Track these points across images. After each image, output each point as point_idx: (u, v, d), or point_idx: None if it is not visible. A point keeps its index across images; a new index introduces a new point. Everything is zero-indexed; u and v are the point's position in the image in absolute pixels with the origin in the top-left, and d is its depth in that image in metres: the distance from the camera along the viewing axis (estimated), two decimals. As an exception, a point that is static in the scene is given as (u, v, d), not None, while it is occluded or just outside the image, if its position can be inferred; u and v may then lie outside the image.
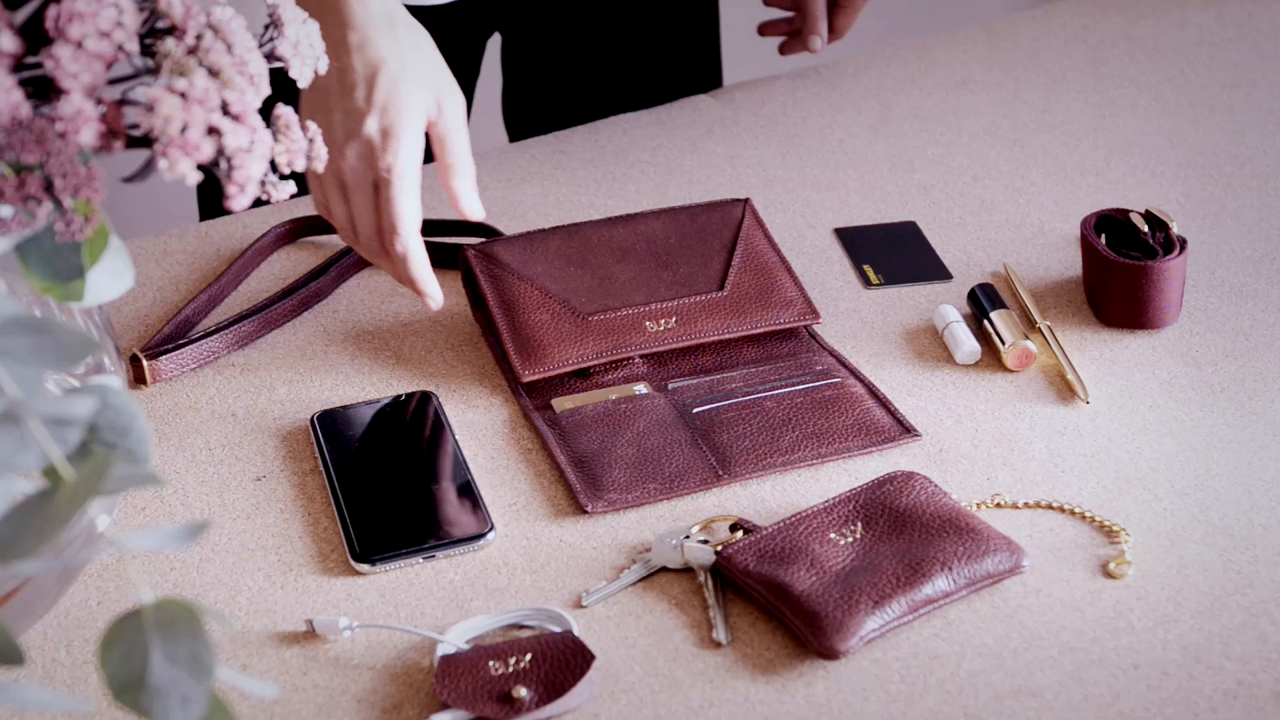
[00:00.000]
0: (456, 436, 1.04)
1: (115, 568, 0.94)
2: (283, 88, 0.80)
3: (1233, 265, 1.21)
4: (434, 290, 1.06)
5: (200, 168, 0.68)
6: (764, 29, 1.43)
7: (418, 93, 1.01)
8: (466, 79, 1.48)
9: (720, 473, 1.01)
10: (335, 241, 1.26)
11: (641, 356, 1.11)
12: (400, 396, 1.08)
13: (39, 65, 0.68)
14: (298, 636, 0.90)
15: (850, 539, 0.93)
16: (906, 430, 1.04)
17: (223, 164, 0.69)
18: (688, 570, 0.94)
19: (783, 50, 1.43)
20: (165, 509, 1.00)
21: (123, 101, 0.69)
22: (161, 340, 1.13)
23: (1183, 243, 1.13)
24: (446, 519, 0.97)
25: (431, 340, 1.15)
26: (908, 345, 1.14)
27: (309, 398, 1.09)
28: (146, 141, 0.68)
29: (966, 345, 1.11)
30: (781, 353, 1.11)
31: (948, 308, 1.15)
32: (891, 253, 1.24)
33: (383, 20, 1.01)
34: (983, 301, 1.14)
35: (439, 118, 1.03)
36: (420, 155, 1.02)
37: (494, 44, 1.52)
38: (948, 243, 1.25)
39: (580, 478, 1.00)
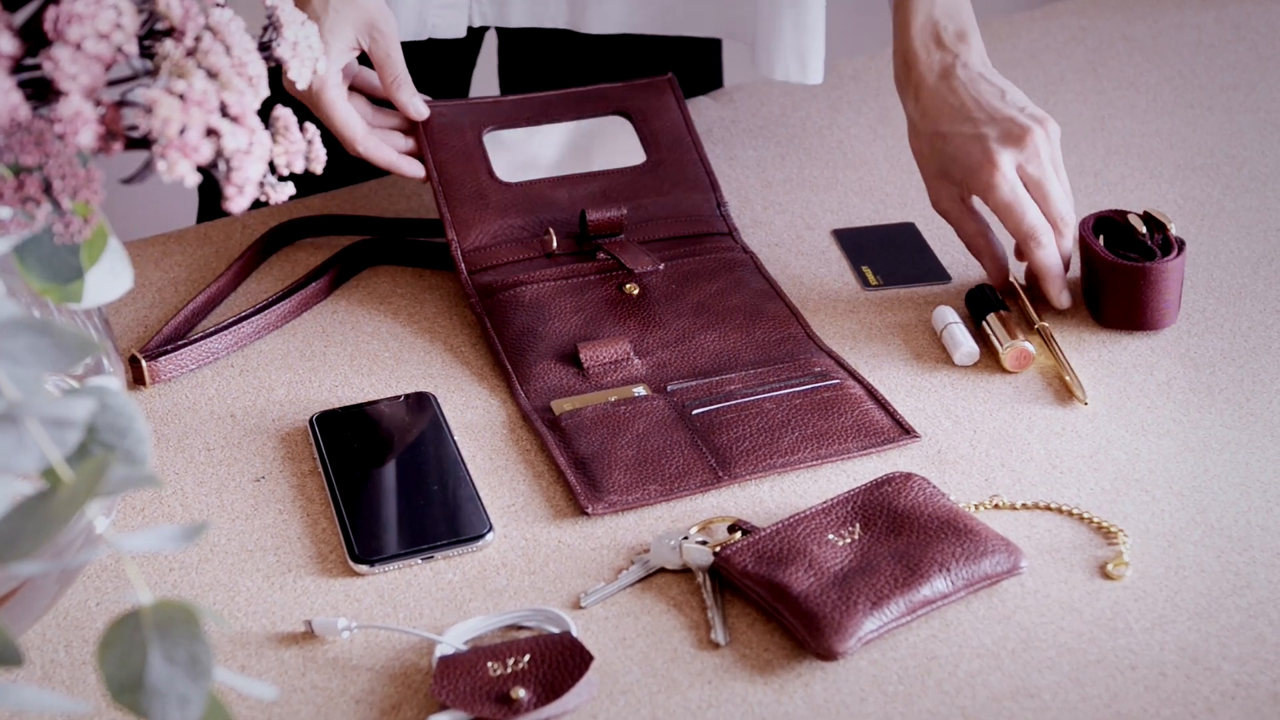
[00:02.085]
0: (455, 437, 1.05)
1: (114, 568, 0.94)
2: (283, 89, 0.80)
3: (1231, 267, 1.21)
4: (410, 166, 1.21)
5: (199, 169, 0.69)
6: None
7: (337, 25, 1.15)
8: (462, 72, 1.49)
9: (720, 474, 1.01)
10: (334, 243, 1.26)
11: (639, 358, 1.11)
12: (399, 397, 1.08)
13: (38, 67, 0.68)
14: (296, 637, 0.90)
15: (848, 540, 0.93)
16: (906, 431, 1.04)
17: (221, 165, 0.69)
18: (686, 571, 0.94)
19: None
20: (164, 510, 1.00)
21: (121, 103, 0.69)
22: (160, 341, 1.13)
23: (1181, 244, 1.14)
24: (445, 520, 0.97)
25: (431, 341, 1.15)
26: (906, 346, 1.14)
27: (308, 398, 1.09)
28: (145, 143, 0.68)
29: (965, 346, 1.11)
30: (780, 354, 1.12)
31: (946, 309, 1.15)
32: (890, 254, 1.24)
33: None
34: (981, 303, 1.14)
35: (372, 46, 1.18)
36: (336, 79, 1.16)
37: (490, 50, 1.53)
38: (946, 244, 1.25)
39: (581, 479, 1.00)
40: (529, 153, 1.27)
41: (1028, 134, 1.12)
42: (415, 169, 1.21)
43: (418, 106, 1.21)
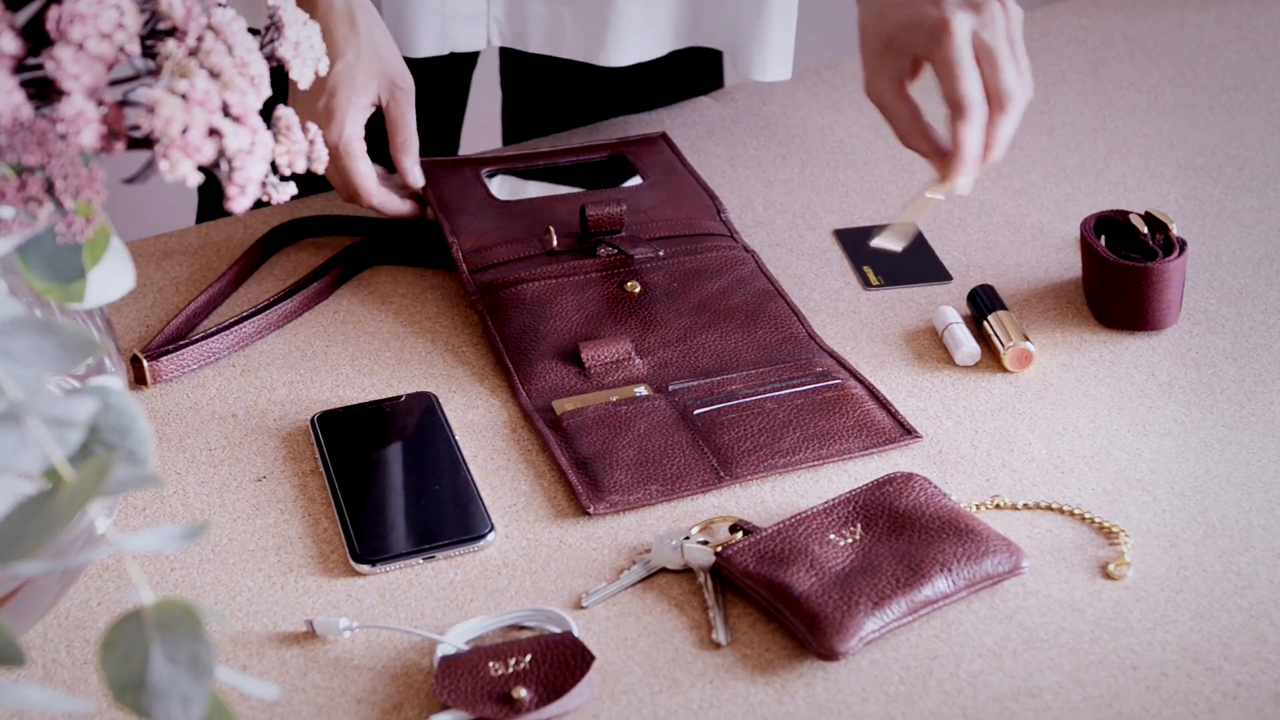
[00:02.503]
0: (456, 437, 1.05)
1: (115, 568, 0.94)
2: (283, 89, 0.80)
3: (1232, 267, 1.21)
4: (412, 207, 1.25)
5: (201, 169, 0.69)
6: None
7: (365, 82, 1.17)
8: (463, 71, 1.49)
9: (722, 474, 1.01)
10: (335, 242, 1.26)
11: (641, 357, 1.11)
12: (400, 397, 1.08)
13: (40, 67, 0.68)
14: (298, 637, 0.90)
15: (850, 540, 0.93)
16: (907, 432, 1.04)
17: (224, 165, 0.69)
18: (687, 571, 0.94)
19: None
20: (165, 510, 1.00)
21: (124, 103, 0.69)
22: (162, 341, 1.13)
23: (1182, 244, 1.14)
24: (446, 520, 0.97)
25: (431, 341, 1.15)
26: (907, 346, 1.14)
27: (309, 398, 1.10)
28: (147, 143, 0.68)
29: (966, 346, 1.11)
30: (781, 354, 1.12)
31: (947, 309, 1.15)
32: (891, 254, 1.24)
33: (344, 15, 1.17)
34: (982, 303, 1.14)
35: (390, 104, 1.20)
36: (361, 132, 1.19)
37: (491, 55, 1.53)
38: (947, 244, 1.25)
39: (582, 479, 1.00)
40: (527, 188, 1.30)
41: (986, 3, 1.09)
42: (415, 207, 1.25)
43: (416, 175, 1.24)
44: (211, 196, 1.43)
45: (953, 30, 1.07)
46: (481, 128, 1.76)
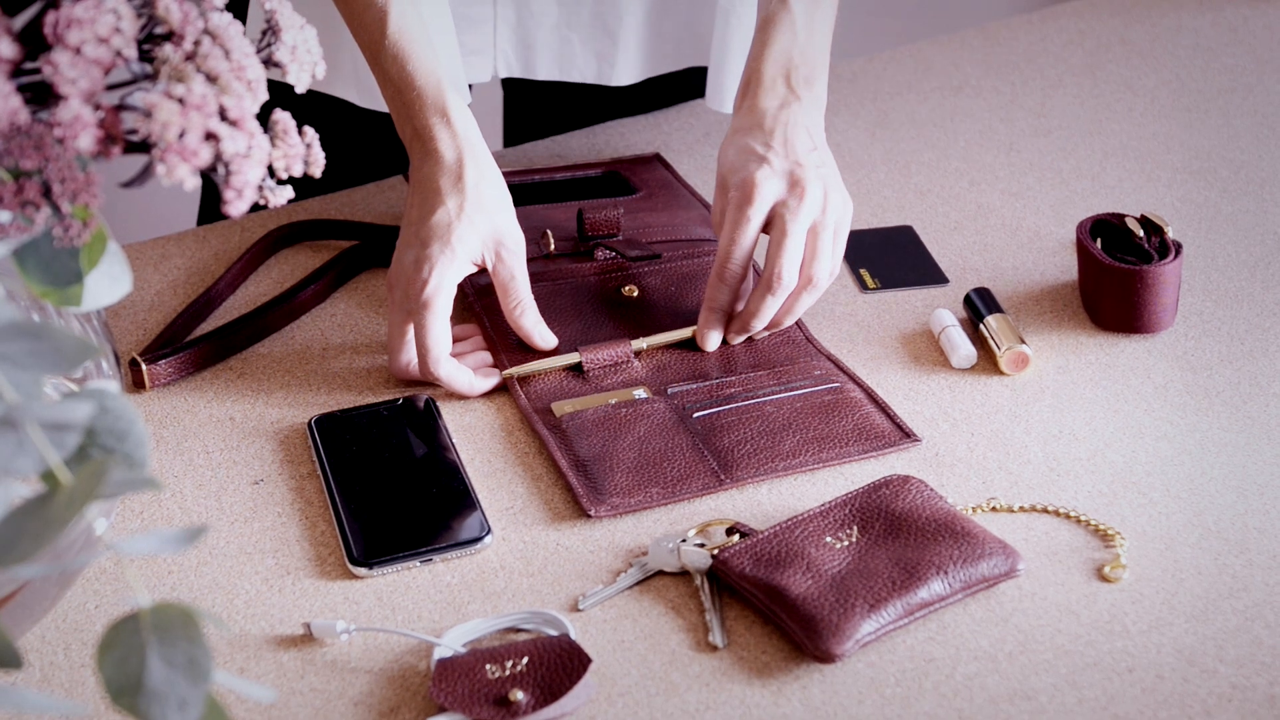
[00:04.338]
0: (454, 440, 1.05)
1: (113, 571, 0.94)
2: (279, 91, 0.80)
3: (1228, 270, 1.21)
4: (484, 383, 1.10)
5: (198, 172, 0.69)
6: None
7: (464, 237, 1.08)
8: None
9: (722, 477, 1.01)
10: (333, 245, 1.26)
11: (639, 360, 1.11)
12: (398, 400, 1.08)
13: (38, 71, 0.68)
14: (295, 640, 0.90)
15: (846, 543, 0.93)
16: (906, 435, 1.04)
17: (220, 169, 0.70)
18: (684, 574, 0.94)
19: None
20: (163, 513, 1.00)
21: (121, 107, 0.70)
22: (159, 344, 1.13)
23: (1178, 247, 1.14)
24: (444, 523, 0.97)
25: (429, 344, 1.15)
26: (904, 349, 1.14)
27: (307, 401, 1.10)
28: (145, 147, 0.68)
29: (963, 349, 1.11)
30: (779, 357, 1.12)
31: (944, 312, 1.15)
32: (888, 257, 1.24)
33: (451, 166, 1.10)
34: (979, 305, 1.15)
35: (497, 265, 1.11)
36: (450, 292, 1.08)
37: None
38: (944, 247, 1.25)
39: (583, 481, 1.00)
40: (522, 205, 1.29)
41: (805, 185, 1.10)
42: (487, 384, 1.10)
43: (544, 335, 1.12)
44: (213, 197, 1.43)
45: (756, 190, 1.10)
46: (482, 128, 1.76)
